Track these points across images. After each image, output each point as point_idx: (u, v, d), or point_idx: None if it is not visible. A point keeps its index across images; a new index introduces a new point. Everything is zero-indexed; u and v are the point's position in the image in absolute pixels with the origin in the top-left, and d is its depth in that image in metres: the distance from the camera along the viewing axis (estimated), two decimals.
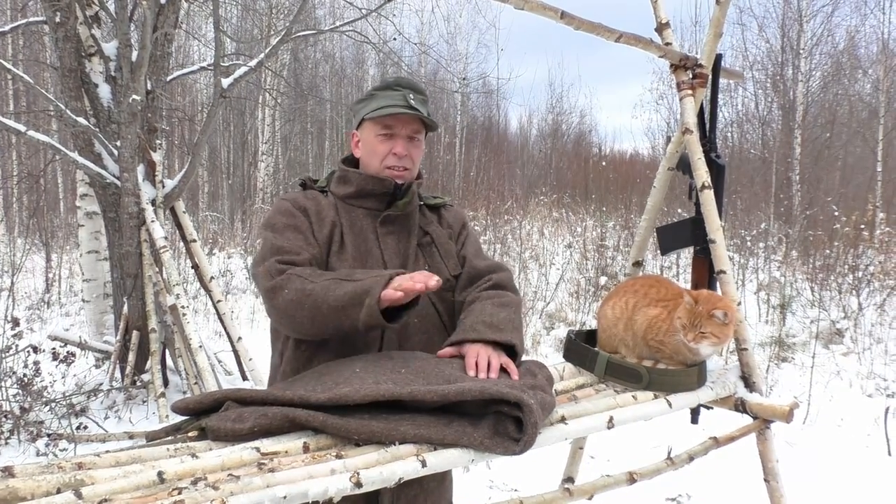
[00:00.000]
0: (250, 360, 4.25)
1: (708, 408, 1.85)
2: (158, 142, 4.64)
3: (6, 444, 3.70)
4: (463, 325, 1.49)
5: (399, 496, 1.47)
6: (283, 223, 1.54)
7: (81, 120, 4.35)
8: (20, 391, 3.95)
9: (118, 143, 4.36)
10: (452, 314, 1.62)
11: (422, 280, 1.30)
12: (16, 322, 4.29)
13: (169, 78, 5.03)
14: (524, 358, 1.51)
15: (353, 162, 1.69)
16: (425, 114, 1.58)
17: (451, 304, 1.62)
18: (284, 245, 1.48)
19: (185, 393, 4.51)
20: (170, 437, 1.21)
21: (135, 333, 4.49)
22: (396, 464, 1.12)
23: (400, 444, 1.17)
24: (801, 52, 13.31)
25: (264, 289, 1.43)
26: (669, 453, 1.70)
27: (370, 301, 1.29)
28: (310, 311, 1.36)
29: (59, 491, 0.94)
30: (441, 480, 1.60)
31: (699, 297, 1.61)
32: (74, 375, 4.68)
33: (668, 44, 1.96)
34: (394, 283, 1.30)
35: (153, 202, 4.43)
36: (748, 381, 1.81)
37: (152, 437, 1.23)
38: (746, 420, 1.81)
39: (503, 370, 1.39)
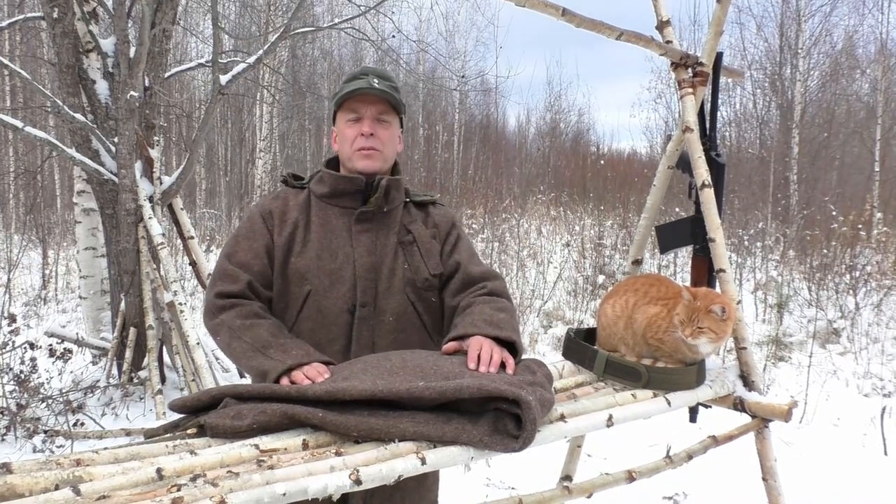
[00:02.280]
0: None
1: (706, 406, 1.86)
2: (156, 138, 4.63)
3: (3, 440, 3.70)
4: (463, 322, 1.49)
5: (373, 493, 1.46)
6: (243, 232, 1.64)
7: (79, 116, 4.34)
8: (17, 388, 3.95)
9: (116, 140, 4.35)
10: (431, 313, 1.62)
11: (311, 378, 1.35)
12: (12, 318, 4.29)
13: (167, 74, 5.02)
14: (523, 357, 1.51)
15: (335, 162, 1.71)
16: (388, 94, 1.60)
17: (431, 304, 1.62)
18: (227, 268, 1.58)
19: (182, 390, 4.50)
20: (168, 434, 1.21)
21: (132, 330, 4.49)
22: (396, 461, 1.12)
23: (399, 441, 1.16)
24: (800, 51, 13.32)
25: (206, 325, 1.56)
26: (668, 452, 1.70)
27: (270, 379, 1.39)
28: (234, 362, 1.53)
29: (57, 487, 0.93)
30: (420, 480, 1.58)
31: (697, 293, 1.62)
32: (71, 372, 4.67)
33: (668, 42, 1.96)
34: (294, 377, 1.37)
35: (151, 199, 4.42)
36: (747, 380, 1.82)
37: (151, 434, 1.22)
38: (745, 419, 1.81)
39: (502, 366, 1.38)
